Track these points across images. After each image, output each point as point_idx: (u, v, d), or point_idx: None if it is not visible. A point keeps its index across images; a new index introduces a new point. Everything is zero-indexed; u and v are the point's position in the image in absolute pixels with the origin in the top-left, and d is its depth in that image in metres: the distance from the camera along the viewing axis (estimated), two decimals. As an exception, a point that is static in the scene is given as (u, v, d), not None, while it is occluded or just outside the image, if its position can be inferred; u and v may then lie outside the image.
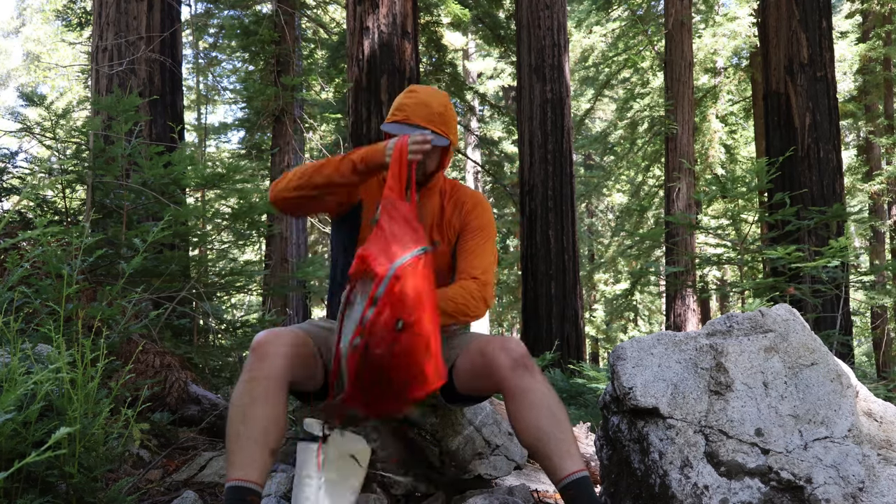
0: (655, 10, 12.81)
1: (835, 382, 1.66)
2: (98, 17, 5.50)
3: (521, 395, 1.75)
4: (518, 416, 1.76)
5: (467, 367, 1.87)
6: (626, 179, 16.22)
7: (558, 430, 1.72)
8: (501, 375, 1.77)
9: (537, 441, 1.73)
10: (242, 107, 11.10)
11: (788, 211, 4.37)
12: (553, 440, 1.71)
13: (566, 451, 1.70)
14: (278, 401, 1.70)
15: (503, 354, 1.77)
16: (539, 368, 1.81)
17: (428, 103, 1.96)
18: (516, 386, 1.75)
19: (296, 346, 1.79)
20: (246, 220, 4.06)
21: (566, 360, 6.97)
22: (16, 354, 1.60)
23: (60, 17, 13.82)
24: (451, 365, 1.91)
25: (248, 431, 1.64)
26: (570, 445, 1.71)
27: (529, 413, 1.74)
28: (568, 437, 1.72)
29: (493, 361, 1.78)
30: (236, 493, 1.58)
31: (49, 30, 19.59)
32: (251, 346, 1.76)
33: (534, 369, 1.78)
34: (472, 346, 1.88)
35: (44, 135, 3.64)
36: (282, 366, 1.72)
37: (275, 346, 1.74)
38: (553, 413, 1.74)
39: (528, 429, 1.74)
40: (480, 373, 1.83)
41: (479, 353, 1.83)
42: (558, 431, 1.72)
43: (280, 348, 1.74)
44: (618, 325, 17.45)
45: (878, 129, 12.86)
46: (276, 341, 1.75)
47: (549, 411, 1.74)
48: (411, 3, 6.16)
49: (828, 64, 6.28)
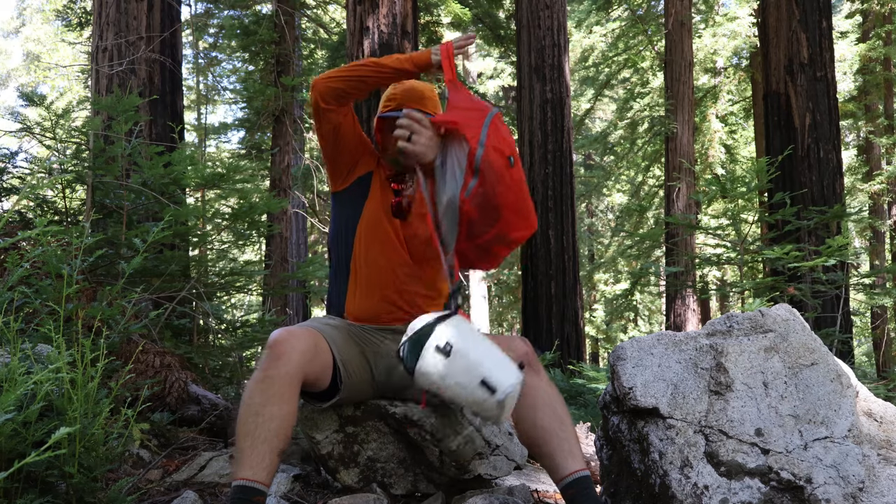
0: (655, 10, 12.81)
1: (835, 382, 1.66)
2: (98, 17, 5.50)
3: (524, 394, 1.75)
4: (521, 415, 1.76)
5: None
6: (626, 179, 16.23)
7: (561, 429, 1.73)
8: None
9: (539, 440, 1.73)
10: (242, 107, 11.11)
11: (788, 211, 4.37)
12: (555, 439, 1.71)
13: (568, 450, 1.70)
14: (290, 401, 1.70)
15: (509, 353, 1.78)
16: (543, 368, 1.82)
17: (416, 87, 2.07)
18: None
19: (312, 346, 1.80)
20: (246, 220, 4.06)
21: (566, 360, 6.97)
22: (16, 354, 1.60)
23: (60, 17, 13.82)
24: None
25: (259, 431, 1.64)
26: (573, 445, 1.72)
27: (532, 412, 1.75)
28: (570, 437, 1.73)
29: None
30: (243, 493, 1.58)
31: (49, 30, 19.60)
32: (267, 344, 1.75)
33: (538, 368, 1.79)
34: None
35: (44, 135, 3.65)
36: (297, 366, 1.73)
37: (291, 345, 1.74)
38: (556, 412, 1.75)
39: (530, 427, 1.75)
40: None
41: None
42: (561, 430, 1.73)
43: (296, 348, 1.74)
44: (618, 325, 17.45)
45: (878, 129, 12.86)
46: (293, 341, 1.75)
47: (553, 410, 1.74)
48: (411, 3, 6.16)
49: (828, 64, 6.28)
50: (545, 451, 1.72)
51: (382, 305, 2.03)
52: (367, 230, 2.04)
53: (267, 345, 1.75)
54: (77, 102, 12.69)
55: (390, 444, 2.10)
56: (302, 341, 1.77)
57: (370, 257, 2.03)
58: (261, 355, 1.77)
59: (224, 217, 4.20)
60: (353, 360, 1.97)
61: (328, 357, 1.88)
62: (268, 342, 1.76)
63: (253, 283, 4.89)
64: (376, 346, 2.03)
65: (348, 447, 2.07)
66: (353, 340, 2.01)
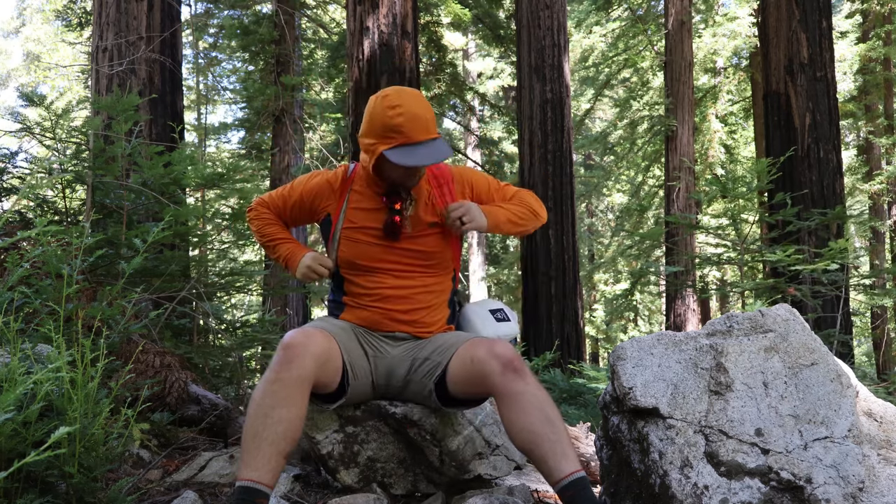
0: (655, 10, 12.81)
1: (835, 382, 1.66)
2: (98, 17, 5.50)
3: (512, 399, 1.74)
4: (511, 420, 1.75)
5: (459, 372, 1.87)
6: (626, 179, 16.22)
7: (552, 431, 1.71)
8: (492, 381, 1.77)
9: (531, 444, 1.72)
10: (242, 107, 11.11)
11: (789, 211, 4.37)
12: (547, 442, 1.70)
13: (561, 452, 1.69)
14: (300, 405, 1.70)
15: (493, 360, 1.77)
16: (530, 370, 1.80)
17: (418, 114, 1.89)
18: (507, 390, 1.74)
19: (325, 349, 1.80)
20: (246, 220, 4.05)
21: (566, 359, 6.97)
22: (16, 354, 1.60)
23: (60, 17, 13.82)
24: (443, 368, 1.92)
25: (267, 433, 1.64)
26: (565, 447, 1.70)
27: (522, 417, 1.73)
28: (562, 439, 1.71)
29: (483, 368, 1.78)
30: (246, 494, 1.58)
31: (49, 30, 19.59)
32: (280, 345, 1.74)
33: (524, 372, 1.77)
34: (463, 350, 1.88)
35: (44, 135, 3.64)
36: (309, 370, 1.72)
37: (305, 348, 1.73)
38: (546, 415, 1.73)
39: (521, 432, 1.73)
40: (472, 379, 1.83)
41: (470, 360, 1.83)
42: (552, 433, 1.71)
43: (309, 351, 1.73)
44: (618, 325, 17.45)
45: (878, 129, 12.85)
46: (307, 343, 1.75)
47: (542, 414, 1.73)
48: (411, 3, 6.16)
49: (828, 64, 6.27)
50: (538, 455, 1.71)
51: (375, 318, 2.04)
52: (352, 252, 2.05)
53: (280, 345, 1.74)
54: (77, 102, 12.69)
55: (390, 444, 2.10)
56: (316, 344, 1.76)
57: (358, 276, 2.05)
58: (274, 355, 1.76)
59: (224, 217, 4.20)
60: (358, 362, 1.98)
61: (339, 360, 1.88)
62: (281, 343, 1.75)
63: (253, 283, 4.89)
64: (376, 348, 2.04)
65: (348, 447, 2.07)
66: (358, 341, 2.02)
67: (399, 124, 1.87)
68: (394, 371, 2.04)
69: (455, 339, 1.97)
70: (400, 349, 2.04)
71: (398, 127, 1.87)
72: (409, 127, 1.87)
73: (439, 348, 1.96)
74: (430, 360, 1.96)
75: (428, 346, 2.01)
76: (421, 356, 2.00)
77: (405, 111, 1.87)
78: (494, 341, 1.86)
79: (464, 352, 1.87)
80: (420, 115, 1.90)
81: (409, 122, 1.87)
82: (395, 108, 1.87)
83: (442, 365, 1.92)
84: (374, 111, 1.91)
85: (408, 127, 1.87)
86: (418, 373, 1.99)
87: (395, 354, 2.03)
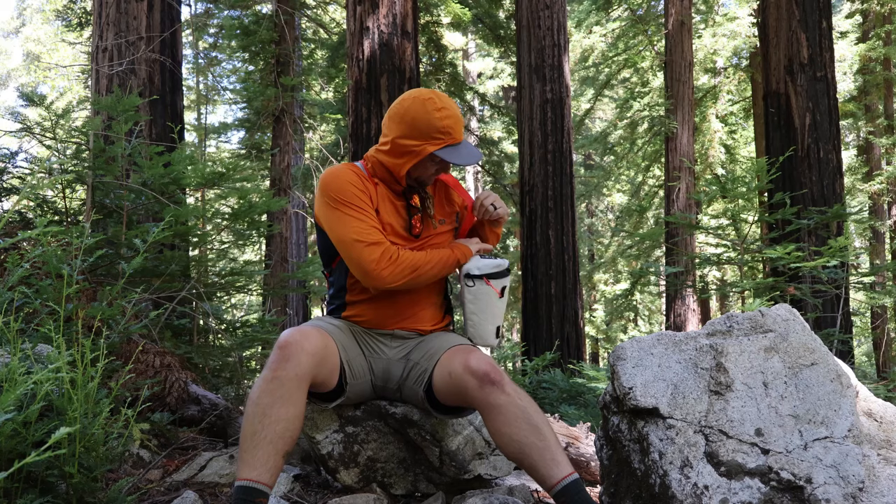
0: (655, 10, 12.81)
1: (835, 382, 1.66)
2: (98, 17, 5.50)
3: (495, 411, 1.74)
4: (497, 432, 1.75)
5: (442, 385, 1.88)
6: (626, 179, 16.22)
7: (538, 439, 1.71)
8: (472, 396, 1.77)
9: (520, 454, 1.72)
10: (242, 107, 11.10)
11: (788, 211, 4.37)
12: (535, 451, 1.70)
13: (550, 458, 1.69)
14: (298, 403, 1.69)
15: (468, 376, 1.77)
16: (508, 379, 1.80)
17: (459, 116, 1.99)
18: (488, 403, 1.75)
19: (322, 348, 1.79)
20: (246, 220, 4.05)
21: (566, 360, 6.97)
22: (16, 354, 1.60)
23: (60, 17, 13.82)
24: (429, 376, 1.92)
25: (265, 432, 1.63)
26: (554, 452, 1.70)
27: (506, 428, 1.73)
28: (549, 445, 1.71)
29: (460, 383, 1.79)
30: (246, 494, 1.58)
31: (49, 30, 19.60)
32: (277, 344, 1.74)
33: (502, 382, 1.76)
34: (444, 360, 1.88)
35: (44, 135, 3.64)
36: (307, 367, 1.72)
37: (301, 347, 1.73)
38: (530, 423, 1.72)
39: (508, 444, 1.73)
40: (454, 392, 1.84)
41: (448, 374, 1.83)
42: (538, 441, 1.70)
43: (306, 350, 1.73)
44: (618, 325, 17.45)
45: (878, 129, 12.86)
46: (304, 342, 1.74)
47: (526, 422, 1.72)
48: (411, 3, 6.16)
49: (828, 64, 6.28)
50: (528, 464, 1.71)
51: (378, 316, 2.04)
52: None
53: (277, 344, 1.74)
54: (77, 102, 12.70)
55: (390, 445, 2.10)
56: (312, 343, 1.76)
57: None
58: (270, 354, 1.76)
59: (224, 217, 4.20)
60: (356, 361, 1.98)
61: (336, 359, 1.88)
62: (277, 342, 1.75)
63: (253, 283, 4.89)
64: (372, 349, 2.04)
65: (348, 447, 2.07)
66: (356, 340, 2.02)
67: (448, 126, 1.94)
68: (390, 373, 2.04)
69: (439, 344, 1.97)
70: (396, 350, 2.04)
71: (447, 128, 1.94)
72: (456, 128, 1.97)
73: (427, 353, 1.97)
74: (420, 366, 1.97)
75: (421, 347, 2.01)
76: (413, 358, 2.01)
77: (452, 113, 1.95)
78: (469, 353, 1.84)
79: (444, 363, 1.87)
80: (460, 117, 2.00)
81: (455, 124, 1.96)
82: (443, 111, 1.94)
83: (428, 372, 1.92)
84: (417, 114, 1.93)
85: (455, 128, 1.96)
86: (410, 377, 2.00)
87: (391, 357, 2.04)
